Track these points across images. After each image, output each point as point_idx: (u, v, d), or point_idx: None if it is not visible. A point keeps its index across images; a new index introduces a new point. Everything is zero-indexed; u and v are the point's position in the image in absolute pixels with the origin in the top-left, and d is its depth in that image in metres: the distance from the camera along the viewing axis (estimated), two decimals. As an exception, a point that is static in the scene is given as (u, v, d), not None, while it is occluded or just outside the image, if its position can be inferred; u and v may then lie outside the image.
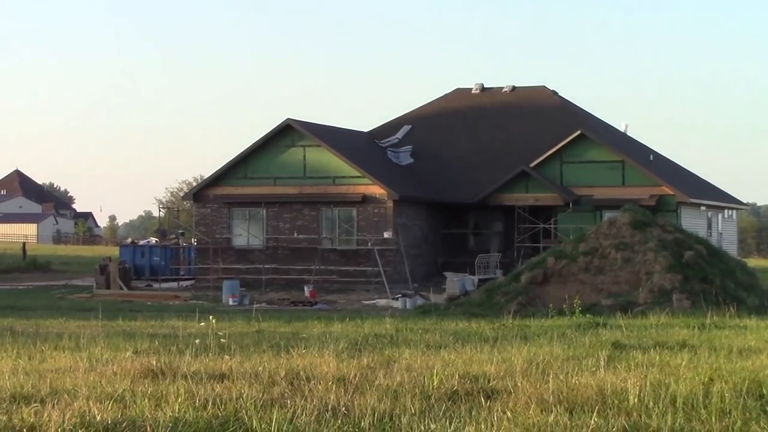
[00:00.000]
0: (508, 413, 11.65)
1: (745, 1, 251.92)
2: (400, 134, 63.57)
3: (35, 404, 11.84)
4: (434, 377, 13.96)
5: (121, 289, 51.83)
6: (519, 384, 13.59)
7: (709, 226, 59.38)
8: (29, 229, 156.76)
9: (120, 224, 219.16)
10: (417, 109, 66.92)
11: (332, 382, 13.58)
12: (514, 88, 67.06)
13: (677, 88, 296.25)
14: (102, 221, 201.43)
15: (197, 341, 18.55)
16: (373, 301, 46.99)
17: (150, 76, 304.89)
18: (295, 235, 55.19)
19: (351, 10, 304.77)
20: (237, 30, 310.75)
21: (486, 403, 12.45)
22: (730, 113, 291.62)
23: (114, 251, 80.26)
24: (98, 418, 10.84)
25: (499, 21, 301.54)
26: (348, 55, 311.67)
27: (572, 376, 14.09)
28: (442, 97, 68.05)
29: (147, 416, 11.11)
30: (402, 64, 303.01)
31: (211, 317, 22.73)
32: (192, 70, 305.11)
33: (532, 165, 56.35)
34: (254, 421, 10.84)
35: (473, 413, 11.87)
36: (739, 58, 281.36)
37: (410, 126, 64.36)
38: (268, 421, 10.78)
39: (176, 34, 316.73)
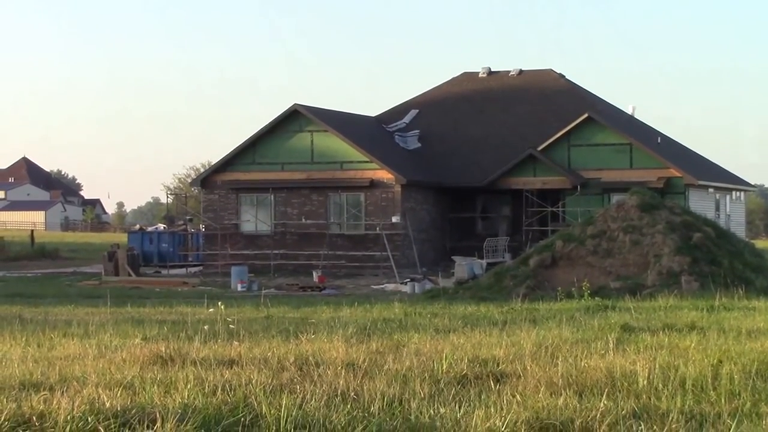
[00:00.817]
0: (518, 397, 11.65)
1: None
2: (407, 119, 63.47)
3: (44, 392, 11.80)
4: (443, 361, 13.96)
5: (130, 275, 51.80)
6: (528, 367, 13.59)
7: (717, 208, 59.25)
8: (37, 217, 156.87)
9: (128, 211, 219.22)
10: (424, 93, 66.81)
11: (341, 367, 13.55)
12: (521, 71, 66.88)
13: (684, 70, 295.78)
14: (110, 208, 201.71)
15: (206, 327, 18.55)
16: (382, 286, 46.97)
17: (158, 61, 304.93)
18: (303, 220, 55.19)
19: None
20: (244, 16, 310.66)
21: (495, 386, 12.47)
22: (738, 94, 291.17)
23: (122, 238, 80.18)
24: (107, 404, 10.82)
25: (506, 4, 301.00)
26: (355, 40, 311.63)
27: (581, 359, 14.09)
28: (449, 81, 67.91)
29: (156, 403, 11.10)
30: (409, 48, 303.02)
31: (219, 303, 22.69)
32: (200, 55, 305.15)
33: (540, 148, 56.25)
34: (263, 407, 10.82)
35: (482, 397, 11.86)
36: (747, 39, 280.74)
37: (417, 110, 64.26)
38: (278, 407, 10.76)
39: (184, 19, 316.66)
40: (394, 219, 53.59)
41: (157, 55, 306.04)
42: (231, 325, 18.94)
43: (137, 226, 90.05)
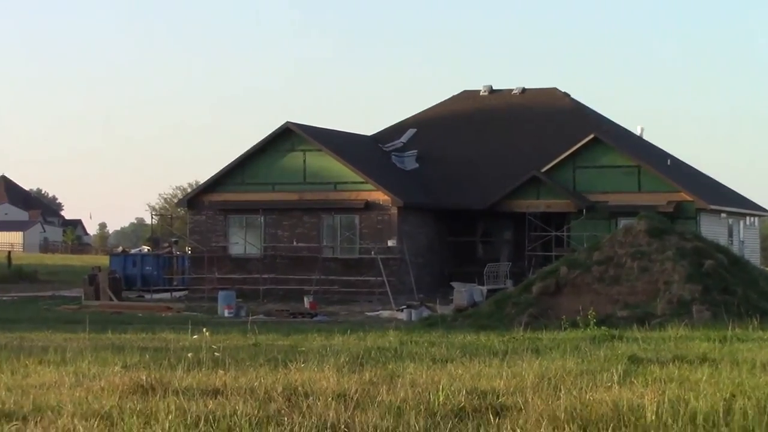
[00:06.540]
0: (518, 431, 11.55)
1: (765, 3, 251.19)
2: (404, 138, 63.36)
3: (16, 422, 11.85)
4: (440, 393, 13.71)
5: (111, 300, 51.26)
6: (530, 400, 13.39)
7: (731, 234, 59.00)
8: (15, 237, 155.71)
9: (110, 232, 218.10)
10: (422, 111, 66.90)
11: (332, 398, 13.40)
12: (524, 89, 66.79)
13: (695, 90, 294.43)
14: (92, 229, 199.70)
15: (190, 355, 18.47)
16: (377, 313, 46.56)
17: (143, 78, 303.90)
18: (295, 243, 54.81)
19: (355, 10, 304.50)
20: (236, 31, 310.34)
21: (495, 420, 12.30)
22: (752, 117, 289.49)
23: (104, 260, 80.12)
24: (83, 436, 10.82)
25: (509, 20, 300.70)
26: (352, 56, 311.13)
27: (586, 392, 13.85)
28: (448, 99, 68.00)
29: (135, 435, 11.14)
30: (407, 64, 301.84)
31: (204, 330, 23.27)
32: (188, 71, 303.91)
33: (544, 170, 56.01)
34: (249, 439, 10.78)
35: (481, 431, 11.74)
36: (761, 59, 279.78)
37: (415, 129, 64.25)
38: (263, 439, 10.65)
39: (171, 35, 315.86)
40: (390, 243, 53.30)
41: (141, 72, 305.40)
42: (216, 353, 18.84)
43: (120, 249, 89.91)
